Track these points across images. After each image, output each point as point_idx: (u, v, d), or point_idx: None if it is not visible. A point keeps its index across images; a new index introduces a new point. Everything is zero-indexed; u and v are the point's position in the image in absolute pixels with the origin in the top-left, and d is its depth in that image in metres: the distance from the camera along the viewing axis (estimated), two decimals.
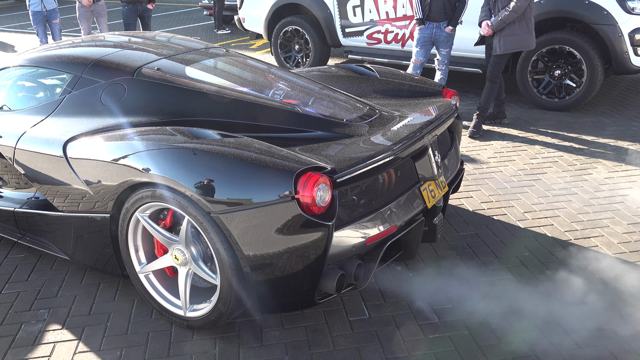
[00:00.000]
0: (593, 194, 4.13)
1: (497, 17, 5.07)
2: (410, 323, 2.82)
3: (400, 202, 2.80)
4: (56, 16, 7.91)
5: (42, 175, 3.10)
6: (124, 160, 2.69)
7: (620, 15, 5.40)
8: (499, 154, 4.91)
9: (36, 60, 3.58)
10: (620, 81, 7.00)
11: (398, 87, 3.68)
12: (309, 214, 2.35)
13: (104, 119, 3.06)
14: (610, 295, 2.99)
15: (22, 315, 2.99)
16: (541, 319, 2.82)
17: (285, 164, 2.42)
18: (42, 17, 7.83)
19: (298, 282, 2.52)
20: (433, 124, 3.01)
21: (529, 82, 5.95)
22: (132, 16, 7.97)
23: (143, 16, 8.07)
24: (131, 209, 2.74)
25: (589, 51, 5.55)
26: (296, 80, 3.60)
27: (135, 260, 2.87)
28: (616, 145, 5.03)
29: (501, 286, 3.09)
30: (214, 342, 2.73)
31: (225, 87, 3.17)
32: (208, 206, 2.44)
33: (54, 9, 7.85)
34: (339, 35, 7.24)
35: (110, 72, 3.23)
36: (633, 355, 2.58)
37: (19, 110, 3.42)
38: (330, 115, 3.02)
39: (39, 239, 3.32)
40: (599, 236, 3.57)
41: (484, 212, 3.92)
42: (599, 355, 2.58)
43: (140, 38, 3.94)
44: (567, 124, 5.59)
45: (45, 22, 7.89)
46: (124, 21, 8.00)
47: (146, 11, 8.03)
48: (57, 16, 7.92)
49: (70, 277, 3.31)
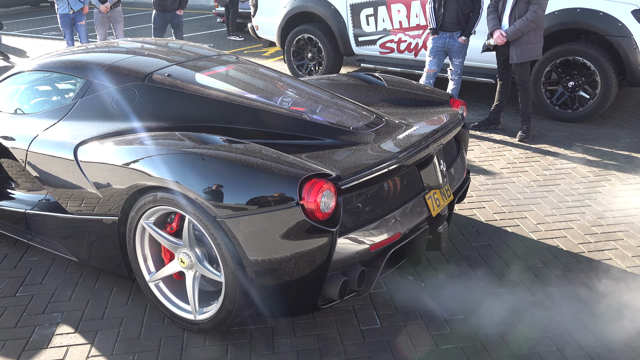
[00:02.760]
0: (607, 206, 4.11)
1: (514, 26, 5.08)
2: (423, 333, 2.81)
3: (405, 210, 2.82)
4: (82, 18, 8.00)
5: (53, 178, 3.15)
6: (133, 164, 2.74)
7: (635, 27, 5.38)
8: (512, 165, 4.90)
9: (49, 65, 3.64)
10: (635, 93, 6.97)
11: (405, 96, 3.70)
12: (313, 219, 2.38)
13: (114, 124, 3.10)
14: (624, 308, 2.96)
15: (36, 318, 3.01)
16: (554, 332, 2.80)
17: (290, 170, 2.45)
18: (69, 19, 7.95)
19: (301, 287, 2.55)
20: (439, 133, 3.03)
21: (542, 93, 5.93)
22: (161, 22, 8.05)
23: (173, 22, 8.12)
24: (136, 217, 2.79)
25: (603, 63, 5.53)
26: (305, 88, 3.63)
27: (145, 269, 2.91)
28: (630, 157, 5.00)
29: (514, 298, 3.07)
30: (225, 349, 2.74)
31: (234, 94, 3.20)
32: (214, 210, 2.48)
33: (81, 10, 7.92)
34: (352, 44, 7.27)
35: (122, 78, 3.27)
36: None
37: (32, 114, 3.48)
38: (337, 123, 3.05)
39: (49, 240, 3.36)
40: (612, 249, 3.55)
41: (496, 223, 3.90)
42: None
43: (152, 45, 3.99)
44: (581, 135, 5.56)
45: (72, 25, 8.00)
46: (153, 26, 8.09)
47: (175, 17, 8.08)
48: (83, 18, 8.02)
49: (83, 280, 3.33)
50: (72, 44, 8.10)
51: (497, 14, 5.28)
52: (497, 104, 5.70)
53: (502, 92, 5.65)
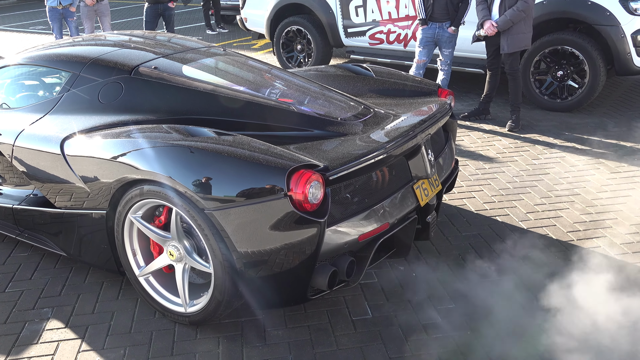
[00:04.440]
0: (596, 194, 4.13)
1: (504, 16, 5.08)
2: (414, 323, 2.82)
3: (393, 200, 2.83)
4: (72, 15, 7.89)
5: (40, 173, 3.13)
6: (120, 157, 2.72)
7: (623, 16, 5.40)
8: (502, 154, 4.91)
9: (35, 58, 3.60)
10: (623, 82, 7.00)
11: (393, 86, 3.71)
12: (301, 210, 2.39)
13: (101, 117, 3.08)
14: (614, 296, 2.99)
15: (26, 314, 2.99)
16: (544, 320, 2.82)
17: (278, 161, 2.45)
18: (57, 13, 7.81)
19: (290, 278, 2.55)
20: (426, 123, 3.04)
21: (531, 83, 5.95)
22: (153, 14, 7.97)
23: (164, 15, 8.05)
24: (124, 212, 2.78)
25: (592, 52, 5.55)
26: (293, 79, 3.62)
27: (134, 264, 2.90)
28: (618, 146, 5.03)
29: (504, 286, 3.09)
30: (217, 341, 2.74)
31: (222, 85, 3.19)
32: (202, 203, 2.47)
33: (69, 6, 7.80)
34: (341, 36, 7.24)
35: (108, 71, 3.25)
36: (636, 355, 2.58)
37: (18, 108, 3.45)
38: (325, 114, 3.04)
39: (37, 235, 3.34)
40: (601, 237, 3.57)
41: (486, 213, 3.92)
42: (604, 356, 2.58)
43: (140, 37, 3.96)
44: (570, 124, 5.59)
45: (61, 19, 7.88)
46: (145, 19, 8.01)
47: (167, 9, 8.01)
48: (73, 15, 7.91)
49: (73, 276, 3.31)
50: (61, 37, 8.01)
51: (486, 4, 5.29)
52: (487, 94, 5.72)
53: (492, 82, 5.66)
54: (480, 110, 5.78)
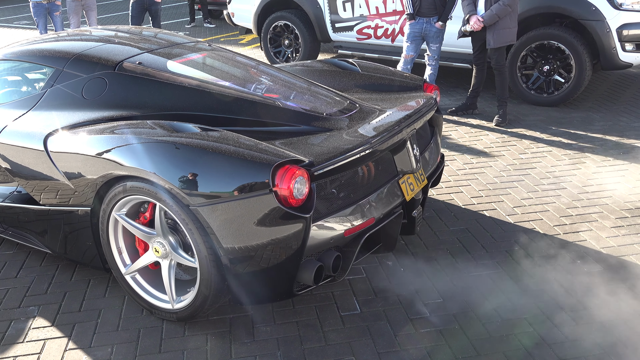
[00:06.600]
0: (582, 188, 4.16)
1: (490, 11, 5.10)
2: (402, 318, 2.83)
3: (379, 195, 2.83)
4: (58, 8, 7.78)
5: (23, 169, 3.10)
6: (104, 154, 2.70)
7: (608, 10, 5.43)
8: (489, 149, 4.93)
9: (18, 54, 3.56)
10: (608, 76, 7.05)
11: (379, 81, 3.71)
12: (286, 206, 2.39)
13: (85, 113, 3.05)
14: (599, 289, 3.01)
15: (12, 312, 2.97)
16: (531, 313, 2.84)
17: (263, 157, 2.45)
18: (43, 9, 7.68)
19: (276, 274, 2.55)
20: (412, 118, 3.04)
21: (518, 77, 5.97)
22: (139, 9, 7.90)
23: (150, 9, 7.97)
24: (108, 209, 2.76)
25: (578, 47, 5.58)
26: (278, 74, 3.61)
27: (120, 262, 2.88)
28: (604, 140, 5.07)
29: (491, 281, 3.11)
30: (205, 338, 2.73)
31: (207, 81, 3.18)
32: (187, 199, 2.46)
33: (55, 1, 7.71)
34: (329, 31, 7.22)
35: (92, 66, 3.22)
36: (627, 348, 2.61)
37: (1, 104, 3.40)
38: (310, 110, 3.04)
39: (22, 233, 3.31)
40: (587, 230, 3.60)
41: (473, 207, 3.93)
42: (590, 348, 2.61)
43: (125, 32, 3.92)
44: (556, 119, 5.62)
45: (46, 14, 7.76)
46: (131, 14, 7.93)
47: (153, 4, 7.93)
48: (58, 8, 7.80)
49: (59, 273, 3.28)
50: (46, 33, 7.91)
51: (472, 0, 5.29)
52: (474, 89, 5.75)
53: (478, 77, 5.68)
54: (468, 105, 5.80)
